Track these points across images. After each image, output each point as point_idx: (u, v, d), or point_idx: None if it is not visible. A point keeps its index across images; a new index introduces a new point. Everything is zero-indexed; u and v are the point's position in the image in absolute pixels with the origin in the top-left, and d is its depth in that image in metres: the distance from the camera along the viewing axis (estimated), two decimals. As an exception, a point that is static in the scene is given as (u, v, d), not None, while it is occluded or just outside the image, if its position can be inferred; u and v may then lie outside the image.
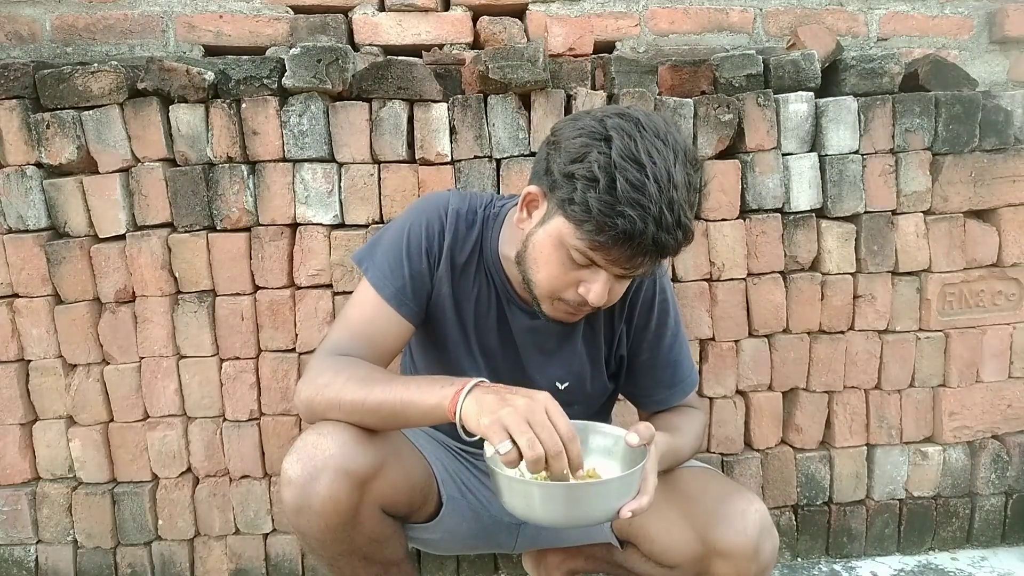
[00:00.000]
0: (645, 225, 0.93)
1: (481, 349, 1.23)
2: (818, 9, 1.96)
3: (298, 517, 1.04)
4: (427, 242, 1.18)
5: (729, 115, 1.60)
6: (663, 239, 0.95)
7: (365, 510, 1.06)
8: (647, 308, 1.24)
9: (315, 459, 1.02)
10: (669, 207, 0.93)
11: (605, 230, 0.95)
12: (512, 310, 1.22)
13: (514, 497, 0.98)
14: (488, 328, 1.23)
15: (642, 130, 0.96)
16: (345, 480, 1.02)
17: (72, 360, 1.57)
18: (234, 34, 1.83)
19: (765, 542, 1.10)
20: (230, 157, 1.55)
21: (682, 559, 1.16)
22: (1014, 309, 1.72)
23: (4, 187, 1.53)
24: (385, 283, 1.16)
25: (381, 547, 1.13)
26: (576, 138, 0.99)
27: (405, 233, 1.18)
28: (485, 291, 1.21)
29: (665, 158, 0.95)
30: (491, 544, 1.38)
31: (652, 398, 1.29)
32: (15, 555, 1.61)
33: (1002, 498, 1.77)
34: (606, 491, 0.97)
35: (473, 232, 1.20)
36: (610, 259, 0.99)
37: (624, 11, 1.92)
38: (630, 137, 0.95)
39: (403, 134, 1.57)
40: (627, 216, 0.93)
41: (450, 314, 1.21)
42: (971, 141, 1.65)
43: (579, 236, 0.98)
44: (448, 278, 1.19)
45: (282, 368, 1.59)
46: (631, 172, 0.93)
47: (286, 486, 1.03)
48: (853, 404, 1.71)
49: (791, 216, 1.65)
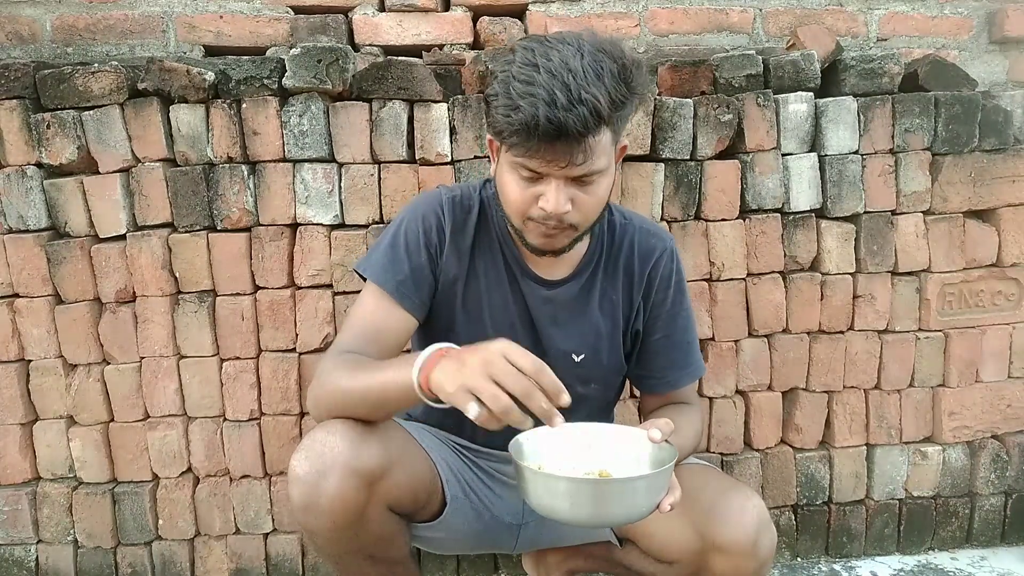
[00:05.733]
0: (536, 109, 0.95)
1: (494, 327, 1.23)
2: (818, 9, 1.96)
3: (306, 515, 1.04)
4: (425, 236, 1.19)
5: (729, 115, 1.60)
6: (560, 117, 0.95)
7: (373, 509, 1.06)
8: (665, 284, 1.26)
9: (324, 457, 1.02)
10: (562, 88, 0.95)
11: (513, 131, 0.99)
12: (526, 282, 1.22)
13: (539, 492, 0.95)
14: (502, 304, 1.23)
15: (547, 41, 1.01)
16: (354, 479, 1.02)
17: (72, 360, 1.57)
18: (234, 34, 1.83)
19: (763, 538, 1.10)
20: (230, 157, 1.55)
21: (681, 555, 1.17)
22: (1014, 309, 1.72)
23: (4, 187, 1.53)
24: (386, 278, 1.17)
25: (387, 546, 1.13)
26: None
27: (402, 231, 1.20)
28: (496, 268, 1.23)
29: (563, 55, 0.97)
30: (492, 544, 1.38)
31: (664, 379, 1.29)
32: (15, 555, 1.62)
33: (1002, 498, 1.77)
34: (636, 488, 0.94)
35: (472, 215, 1.22)
36: (538, 158, 1.01)
37: (624, 11, 1.92)
38: (529, 49, 1.00)
39: (403, 134, 1.57)
40: (520, 108, 0.96)
41: (459, 300, 1.22)
42: (971, 141, 1.65)
43: (507, 150, 1.04)
44: (456, 265, 1.21)
45: (282, 368, 1.59)
46: (523, 72, 0.98)
47: (294, 483, 1.03)
48: (853, 404, 1.71)
49: (791, 216, 1.65)
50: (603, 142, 1.02)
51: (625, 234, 1.26)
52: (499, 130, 1.02)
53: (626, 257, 1.25)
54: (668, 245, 1.27)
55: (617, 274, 1.25)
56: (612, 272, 1.25)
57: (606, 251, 1.25)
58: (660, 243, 1.27)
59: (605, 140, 1.02)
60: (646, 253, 1.25)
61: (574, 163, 1.00)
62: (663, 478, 0.95)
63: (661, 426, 1.01)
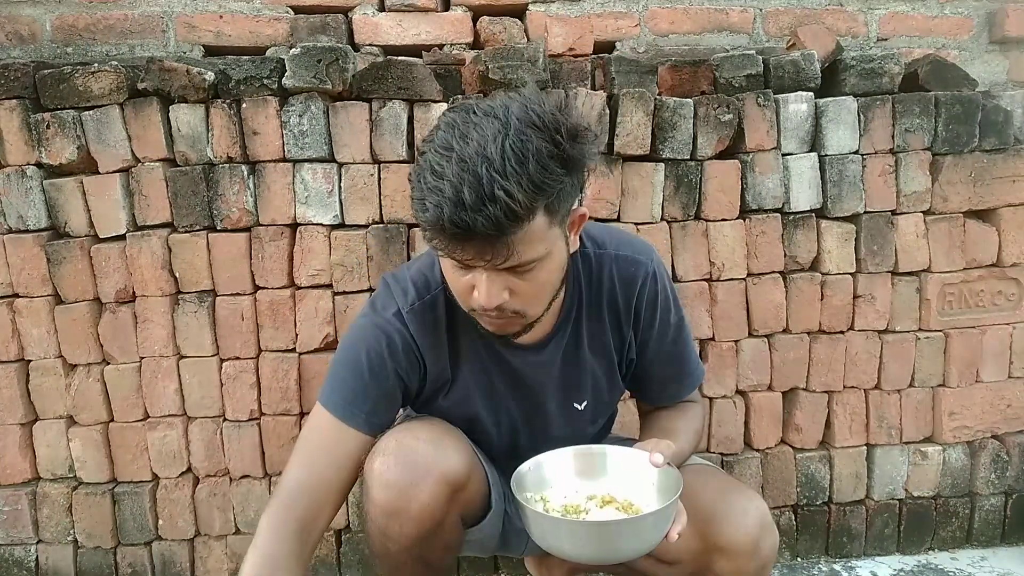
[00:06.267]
0: (440, 209, 0.86)
1: (487, 407, 1.20)
2: (818, 9, 1.96)
3: (389, 520, 1.01)
4: (392, 360, 1.10)
5: (729, 115, 1.60)
6: (466, 220, 0.85)
7: (451, 517, 1.05)
8: (651, 308, 1.19)
9: (416, 464, 1.00)
10: (472, 183, 0.84)
11: (423, 225, 0.91)
12: (511, 352, 1.16)
13: (545, 534, 0.95)
14: (494, 382, 1.19)
15: (472, 115, 0.90)
16: (445, 487, 1.01)
17: (72, 360, 1.57)
18: (234, 34, 1.83)
19: (765, 539, 1.09)
20: (230, 157, 1.55)
21: (682, 556, 1.16)
22: (1014, 309, 1.72)
23: (4, 187, 1.53)
24: (355, 413, 1.08)
25: (449, 555, 1.12)
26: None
27: (364, 357, 1.10)
28: (478, 352, 1.17)
29: (483, 135, 0.87)
30: (504, 548, 1.37)
31: (661, 394, 1.27)
32: (15, 555, 1.62)
33: (1002, 498, 1.77)
34: (643, 525, 0.94)
35: (438, 310, 1.13)
36: (451, 253, 0.92)
37: (624, 11, 1.92)
38: (452, 126, 0.90)
39: (403, 134, 1.57)
40: (426, 205, 0.88)
41: (445, 394, 1.18)
42: (971, 141, 1.65)
43: (426, 240, 0.95)
44: (437, 369, 1.15)
45: (282, 368, 1.59)
46: (436, 159, 0.88)
47: (382, 488, 1.00)
48: (853, 404, 1.71)
49: (791, 216, 1.65)
50: (534, 230, 0.91)
51: (603, 267, 1.16)
52: (419, 222, 0.93)
53: (608, 292, 1.17)
54: (649, 268, 1.17)
55: (602, 313, 1.18)
56: (597, 313, 1.18)
57: (586, 293, 1.17)
58: (640, 268, 1.17)
59: (537, 227, 0.91)
60: (628, 283, 1.17)
61: (496, 259, 0.91)
62: (669, 512, 0.95)
63: (663, 449, 1.01)
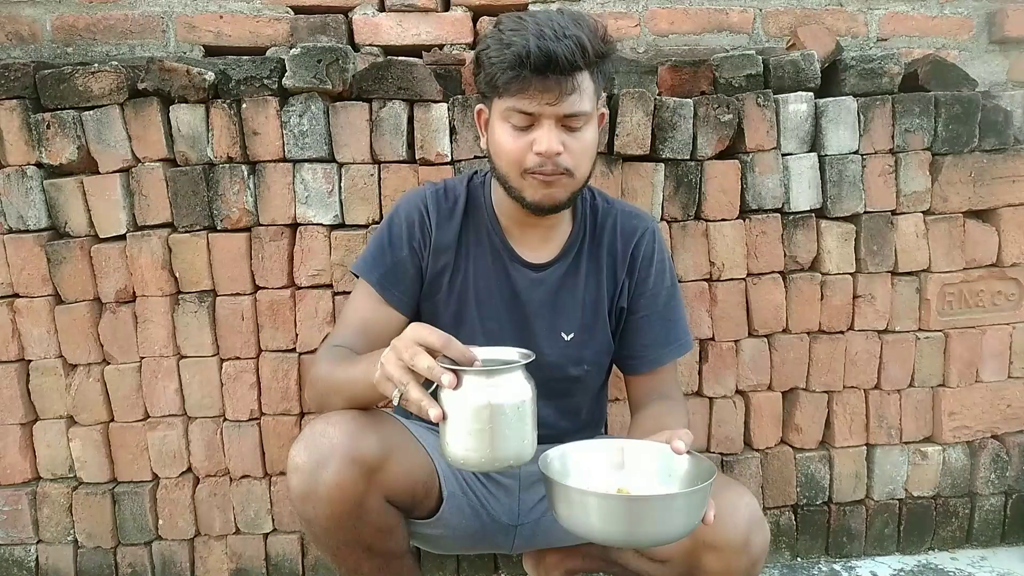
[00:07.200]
0: (527, 41, 1.03)
1: (481, 312, 1.27)
2: (818, 9, 1.96)
3: (304, 504, 1.05)
4: (408, 231, 1.25)
5: (729, 115, 1.60)
6: (550, 47, 1.03)
7: (371, 499, 1.07)
8: (647, 263, 1.30)
9: (322, 447, 1.04)
10: (548, 25, 1.05)
11: (506, 67, 1.06)
12: (514, 266, 1.27)
13: (573, 512, 0.90)
14: (490, 289, 1.27)
15: (527, 13, 1.12)
16: (352, 467, 1.03)
17: (72, 360, 1.57)
18: (234, 34, 1.83)
19: (755, 535, 1.09)
20: (230, 157, 1.55)
21: (673, 553, 1.16)
22: (1014, 309, 1.72)
23: (4, 187, 1.53)
24: (370, 273, 1.24)
25: (385, 538, 1.14)
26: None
27: (387, 228, 1.27)
28: (484, 254, 1.27)
29: (545, 14, 1.09)
30: (489, 544, 1.38)
31: (646, 356, 1.31)
32: (15, 555, 1.62)
33: (1002, 498, 1.77)
34: (674, 505, 0.90)
35: (458, 204, 1.27)
36: (529, 95, 1.07)
37: (624, 11, 1.92)
38: (512, 15, 1.11)
39: (403, 134, 1.57)
40: (512, 43, 1.05)
41: (445, 289, 1.26)
42: (971, 141, 1.65)
43: (500, 97, 1.10)
44: (444, 255, 1.26)
45: (282, 368, 1.59)
46: (511, 23, 1.09)
47: (293, 472, 1.05)
48: (853, 404, 1.71)
49: (791, 216, 1.65)
50: (587, 87, 1.10)
51: (608, 216, 1.31)
52: (491, 74, 1.08)
53: (609, 238, 1.30)
54: (650, 225, 1.33)
55: (601, 254, 1.30)
56: (596, 253, 1.30)
57: (589, 233, 1.30)
58: (642, 223, 1.32)
59: (588, 86, 1.10)
60: (628, 233, 1.31)
61: (564, 95, 1.07)
62: (704, 493, 0.91)
63: (682, 435, 1.00)
